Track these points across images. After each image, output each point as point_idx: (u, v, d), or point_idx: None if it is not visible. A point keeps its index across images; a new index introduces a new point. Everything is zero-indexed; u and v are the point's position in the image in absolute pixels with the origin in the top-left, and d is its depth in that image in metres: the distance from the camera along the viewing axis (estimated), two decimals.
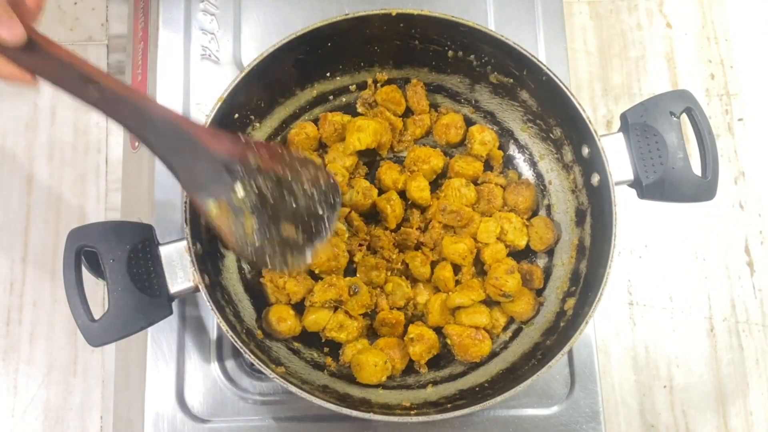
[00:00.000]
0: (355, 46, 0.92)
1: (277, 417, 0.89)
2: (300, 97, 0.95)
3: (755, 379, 1.23)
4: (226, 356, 0.91)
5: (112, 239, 0.77)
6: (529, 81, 0.89)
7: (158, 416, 0.88)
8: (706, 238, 1.28)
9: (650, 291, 1.25)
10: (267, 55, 0.84)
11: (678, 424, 1.20)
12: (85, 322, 0.75)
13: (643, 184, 0.85)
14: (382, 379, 0.85)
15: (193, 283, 0.78)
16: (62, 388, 1.17)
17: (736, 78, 1.36)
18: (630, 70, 1.35)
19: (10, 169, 1.26)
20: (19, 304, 1.20)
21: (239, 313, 0.86)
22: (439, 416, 0.77)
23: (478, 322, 0.87)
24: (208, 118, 0.82)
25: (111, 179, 1.25)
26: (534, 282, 0.90)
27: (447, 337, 0.87)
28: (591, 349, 0.93)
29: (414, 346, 0.86)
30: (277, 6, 1.03)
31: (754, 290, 1.26)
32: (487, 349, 0.87)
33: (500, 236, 0.91)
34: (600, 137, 0.83)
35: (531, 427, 0.89)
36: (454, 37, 0.89)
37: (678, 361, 1.22)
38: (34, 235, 1.23)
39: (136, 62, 1.07)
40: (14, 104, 1.29)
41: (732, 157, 1.32)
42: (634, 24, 1.37)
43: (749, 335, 1.24)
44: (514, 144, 0.97)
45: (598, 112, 1.33)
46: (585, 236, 0.89)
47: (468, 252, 0.89)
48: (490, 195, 0.92)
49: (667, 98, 0.88)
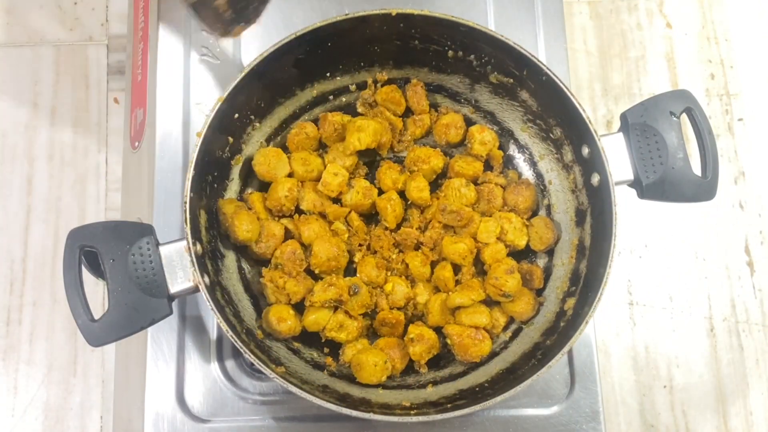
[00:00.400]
0: (355, 46, 0.92)
1: (277, 417, 0.89)
2: (300, 97, 0.95)
3: (755, 379, 1.23)
4: (226, 356, 0.91)
5: (112, 239, 0.77)
6: (529, 81, 0.89)
7: (158, 416, 0.88)
8: (706, 238, 1.28)
9: (650, 291, 1.25)
10: (267, 55, 0.84)
11: (678, 424, 1.20)
12: (85, 322, 0.75)
13: (643, 184, 0.85)
14: (382, 379, 0.85)
15: (193, 283, 0.78)
16: (62, 388, 1.17)
17: (736, 78, 1.36)
18: (630, 70, 1.35)
19: (10, 169, 1.26)
20: (19, 304, 1.20)
21: (239, 313, 0.86)
22: (439, 416, 0.77)
23: (478, 322, 0.87)
24: (208, 118, 0.82)
25: (111, 179, 1.25)
26: (534, 282, 0.90)
27: (447, 337, 0.87)
28: (591, 349, 0.93)
29: (414, 346, 0.86)
30: (277, 6, 1.03)
31: (754, 290, 1.26)
32: (487, 349, 0.87)
33: (500, 236, 0.91)
34: (600, 137, 0.83)
35: (531, 427, 0.89)
36: (454, 37, 0.89)
37: (678, 361, 1.22)
38: (34, 235, 1.23)
39: (136, 62, 1.07)
40: (14, 104, 1.29)
41: (732, 157, 1.32)
42: (634, 24, 1.37)
43: (749, 335, 1.24)
44: (514, 144, 0.97)
45: (598, 112, 1.33)
46: (585, 236, 0.89)
47: (468, 252, 0.89)
48: (490, 195, 0.92)
49: (667, 98, 0.88)
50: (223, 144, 0.88)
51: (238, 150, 0.92)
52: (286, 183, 0.90)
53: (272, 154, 0.91)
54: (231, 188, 0.92)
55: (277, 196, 0.89)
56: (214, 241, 0.86)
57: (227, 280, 0.88)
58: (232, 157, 0.91)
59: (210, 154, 0.85)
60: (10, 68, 1.30)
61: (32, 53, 1.31)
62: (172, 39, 1.00)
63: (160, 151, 0.96)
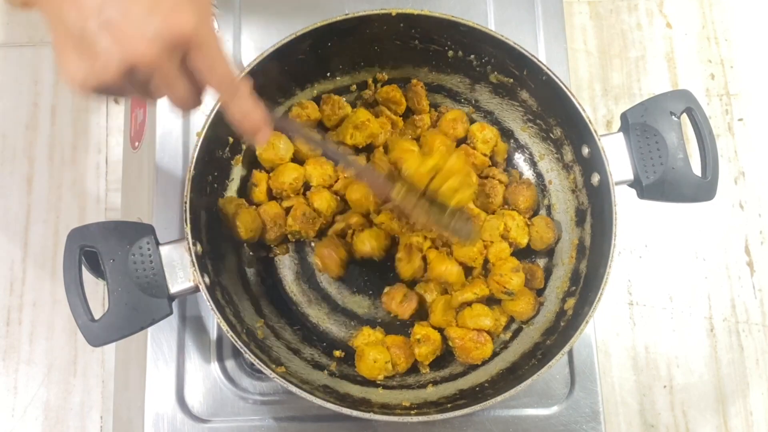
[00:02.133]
0: (355, 46, 0.92)
1: (277, 417, 0.89)
2: (300, 97, 0.95)
3: (755, 379, 1.23)
4: (226, 356, 0.91)
5: (112, 239, 0.77)
6: (529, 81, 0.89)
7: (158, 416, 0.88)
8: (706, 238, 1.28)
9: (650, 291, 1.25)
10: (267, 55, 0.84)
11: (678, 424, 1.20)
12: (85, 322, 0.75)
13: (643, 184, 0.85)
14: (378, 377, 0.85)
15: (193, 283, 0.78)
16: (62, 388, 1.17)
17: (736, 78, 1.36)
18: (630, 70, 1.35)
19: (10, 169, 1.26)
20: (19, 304, 1.20)
21: (239, 313, 0.86)
22: (439, 416, 0.77)
23: (482, 325, 0.86)
24: (208, 118, 0.82)
25: (111, 179, 1.25)
26: (535, 281, 0.90)
27: (449, 339, 0.87)
28: (591, 349, 0.93)
29: (420, 347, 0.86)
30: (277, 6, 1.03)
31: (754, 290, 1.26)
32: (489, 352, 0.87)
33: (504, 233, 0.90)
34: (600, 137, 0.83)
35: (531, 427, 0.89)
36: (454, 37, 0.89)
37: (678, 361, 1.22)
38: (34, 235, 1.23)
39: None
40: (14, 104, 1.29)
41: (732, 157, 1.32)
42: (634, 24, 1.37)
43: (749, 335, 1.24)
44: (514, 144, 0.97)
45: (598, 112, 1.33)
46: (585, 236, 0.89)
47: (478, 253, 0.89)
48: (491, 191, 0.92)
49: (668, 98, 0.88)
50: (223, 144, 0.88)
51: (238, 150, 0.92)
52: (293, 171, 0.90)
53: (273, 138, 0.91)
54: (231, 188, 0.92)
55: (282, 180, 0.90)
56: (214, 241, 0.86)
57: (227, 280, 0.88)
58: (232, 157, 0.91)
59: (210, 154, 0.85)
60: (10, 68, 1.30)
61: (32, 53, 1.31)
62: None
63: (160, 151, 0.96)
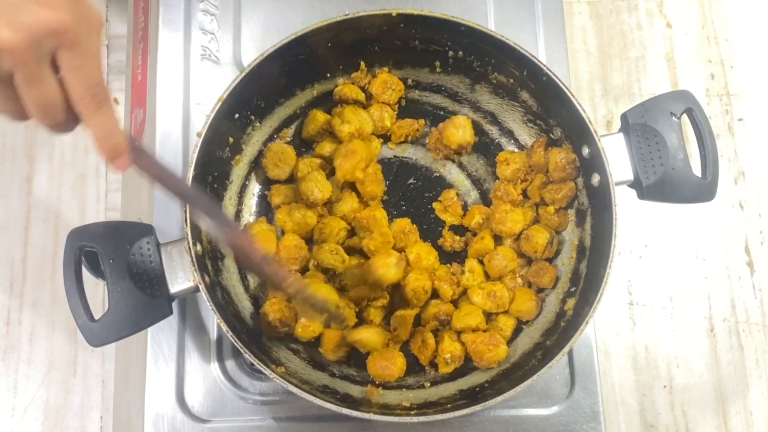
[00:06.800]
0: (355, 46, 0.92)
1: (277, 417, 0.89)
2: (300, 97, 0.95)
3: (755, 379, 1.23)
4: (226, 356, 0.91)
5: (112, 239, 0.77)
6: (529, 81, 0.89)
7: (158, 416, 0.88)
8: (706, 238, 1.28)
9: (650, 291, 1.25)
10: (267, 55, 0.84)
11: (678, 424, 1.20)
12: (85, 322, 0.75)
13: (643, 184, 0.85)
14: (393, 279, 0.86)
15: (193, 283, 0.78)
16: (62, 388, 1.17)
17: (736, 78, 1.36)
18: (630, 70, 1.35)
19: (10, 169, 1.26)
20: (19, 304, 1.20)
21: (239, 313, 0.86)
22: (439, 416, 0.77)
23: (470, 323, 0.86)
24: (208, 118, 0.82)
25: (111, 179, 1.25)
26: (544, 280, 0.89)
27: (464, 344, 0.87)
28: (591, 349, 0.93)
29: (448, 366, 0.86)
30: (277, 6, 1.03)
31: (754, 290, 1.26)
32: (504, 354, 0.85)
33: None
34: (600, 137, 0.83)
35: (531, 427, 0.89)
36: (455, 38, 0.89)
37: (678, 361, 1.22)
38: (34, 235, 1.22)
39: (136, 62, 1.06)
40: None
41: (732, 157, 1.32)
42: (634, 24, 1.37)
43: (749, 335, 1.24)
44: (515, 144, 0.97)
45: (598, 112, 1.33)
46: (585, 236, 0.89)
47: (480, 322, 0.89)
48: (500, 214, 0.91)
49: (668, 98, 0.88)
50: (223, 144, 0.88)
51: (238, 150, 0.92)
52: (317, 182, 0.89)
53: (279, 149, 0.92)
54: (231, 188, 0.92)
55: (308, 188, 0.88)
56: (214, 241, 0.86)
57: (227, 280, 0.88)
58: (232, 157, 0.91)
59: (210, 154, 0.85)
60: None
61: None
62: (172, 39, 1.00)
63: (160, 151, 0.96)
